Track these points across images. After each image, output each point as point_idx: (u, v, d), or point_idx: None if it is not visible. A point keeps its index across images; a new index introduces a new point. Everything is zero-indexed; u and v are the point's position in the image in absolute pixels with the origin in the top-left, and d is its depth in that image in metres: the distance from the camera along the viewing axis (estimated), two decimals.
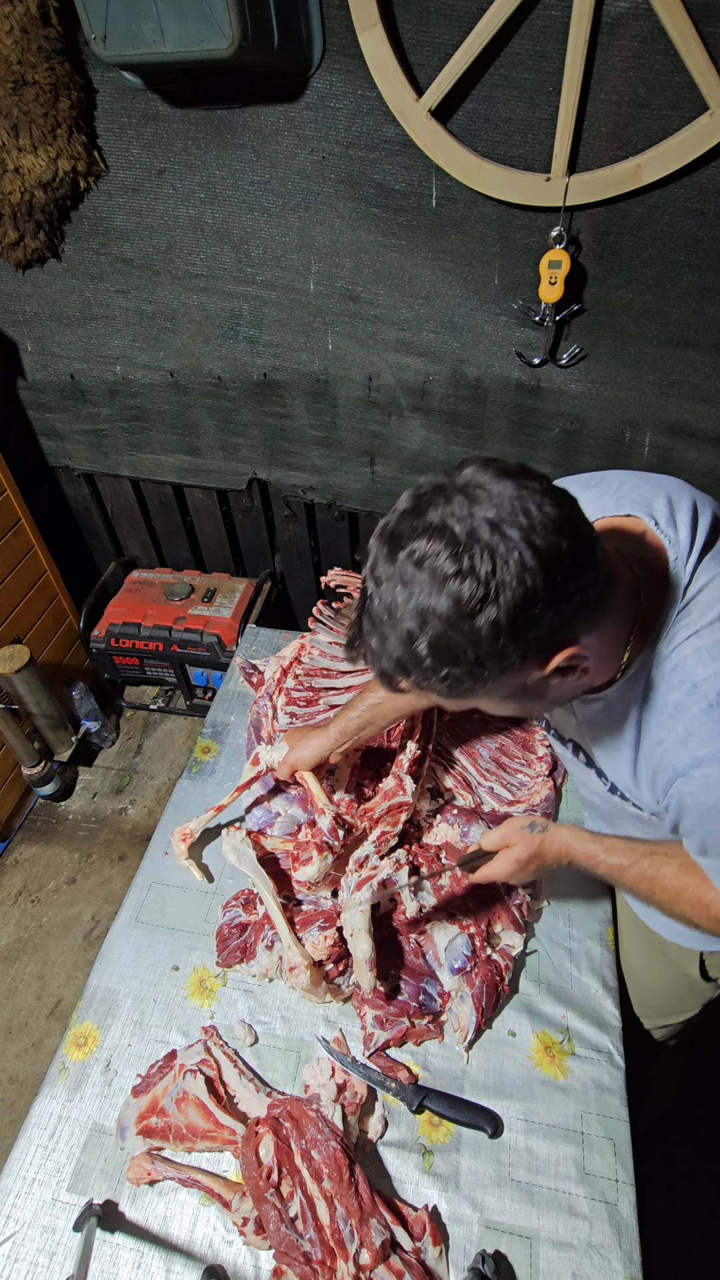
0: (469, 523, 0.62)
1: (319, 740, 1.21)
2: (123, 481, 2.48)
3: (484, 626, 0.62)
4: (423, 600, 0.62)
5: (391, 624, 0.65)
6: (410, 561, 0.63)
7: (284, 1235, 0.86)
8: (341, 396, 2.06)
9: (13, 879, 2.27)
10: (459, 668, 0.64)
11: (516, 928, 1.13)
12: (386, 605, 0.65)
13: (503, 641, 0.62)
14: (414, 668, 0.66)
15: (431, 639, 0.63)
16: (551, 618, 0.64)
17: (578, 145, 1.51)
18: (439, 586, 0.62)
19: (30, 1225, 0.94)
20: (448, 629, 0.62)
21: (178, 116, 1.67)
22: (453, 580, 0.61)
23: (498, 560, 0.61)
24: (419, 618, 0.63)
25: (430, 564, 0.62)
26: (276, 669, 1.56)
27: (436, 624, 0.62)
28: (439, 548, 0.62)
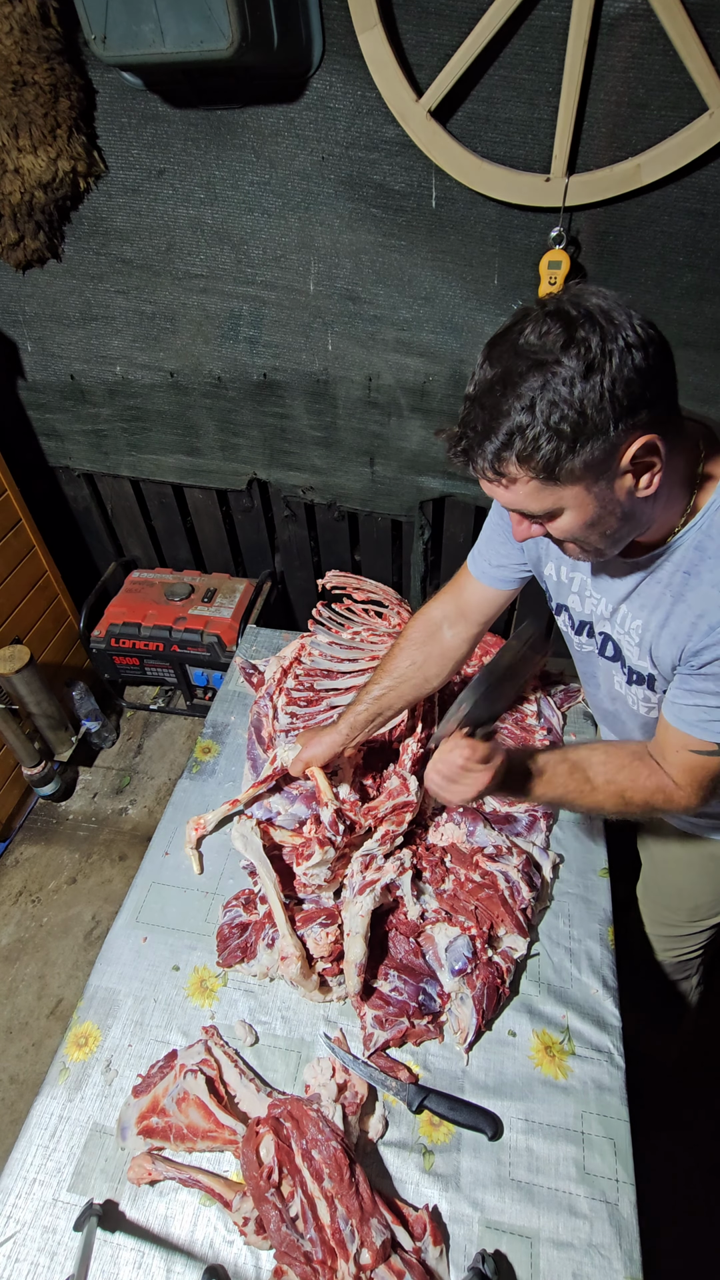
0: (582, 306, 0.71)
1: (331, 737, 1.25)
2: (123, 481, 2.48)
3: (594, 387, 0.69)
4: (539, 371, 0.70)
5: (506, 393, 0.71)
6: (527, 340, 0.71)
7: (285, 1235, 0.87)
8: (341, 397, 2.06)
9: (13, 879, 2.27)
10: (566, 426, 0.70)
11: (520, 931, 1.13)
12: (502, 377, 0.72)
13: (608, 404, 0.69)
14: (523, 436, 0.71)
15: (547, 403, 0.69)
16: (645, 395, 0.71)
17: (577, 145, 1.51)
18: (560, 351, 0.69)
19: (31, 1225, 0.94)
20: (565, 387, 0.69)
21: (178, 117, 1.67)
22: (571, 347, 0.69)
23: (609, 333, 0.69)
24: (539, 382, 0.70)
25: (547, 339, 0.70)
26: (276, 669, 1.56)
27: (555, 387, 0.69)
28: (556, 326, 0.70)
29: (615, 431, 0.71)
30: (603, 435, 0.71)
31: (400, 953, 1.13)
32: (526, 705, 1.49)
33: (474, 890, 1.17)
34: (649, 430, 0.73)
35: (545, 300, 0.75)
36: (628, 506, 0.79)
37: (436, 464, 2.13)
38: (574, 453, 0.72)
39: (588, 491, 0.76)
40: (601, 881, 1.25)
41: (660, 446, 0.74)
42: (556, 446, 0.71)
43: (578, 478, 0.74)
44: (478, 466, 0.77)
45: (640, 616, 0.94)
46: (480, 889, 1.17)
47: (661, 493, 0.80)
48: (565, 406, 0.70)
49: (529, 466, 0.73)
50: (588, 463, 0.73)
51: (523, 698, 1.51)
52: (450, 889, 1.19)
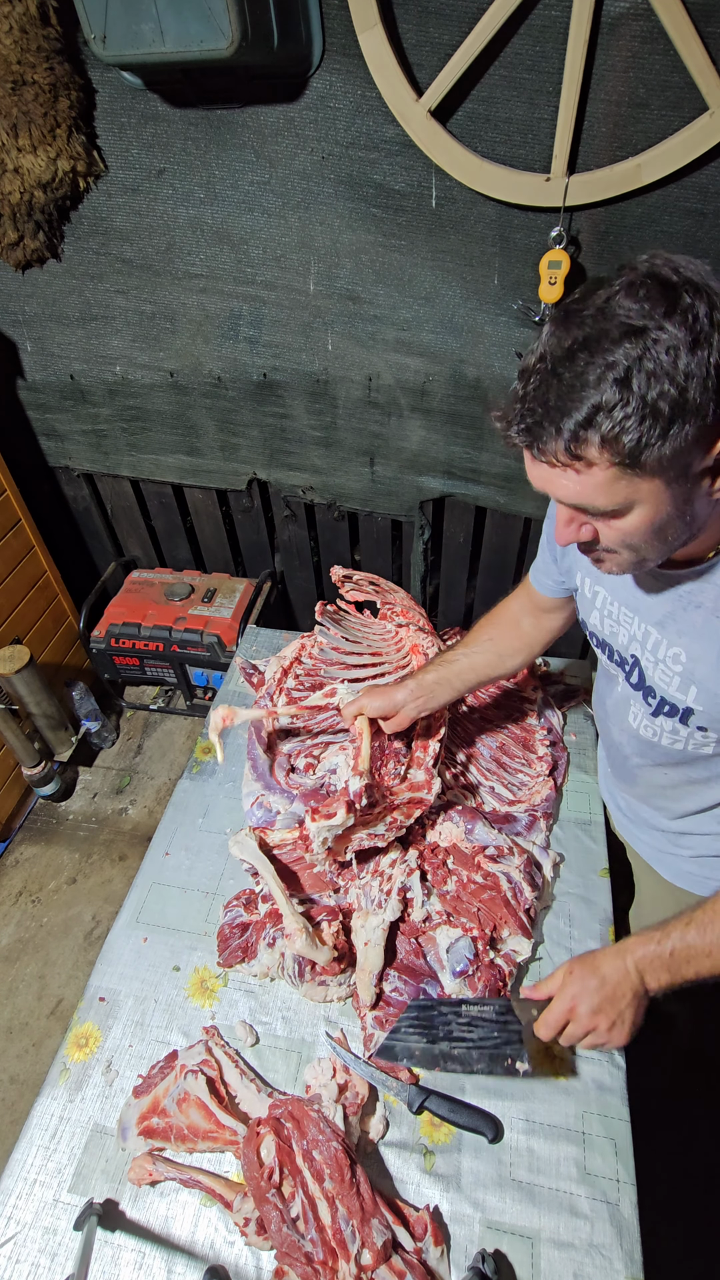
0: (680, 272, 0.62)
1: (394, 692, 1.18)
2: (123, 482, 2.48)
3: (700, 362, 0.60)
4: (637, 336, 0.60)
5: (591, 361, 0.61)
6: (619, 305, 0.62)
7: (285, 1236, 0.87)
8: (341, 397, 2.05)
9: (13, 879, 2.27)
10: (665, 404, 0.60)
11: (524, 932, 1.13)
12: (585, 342, 0.62)
13: (714, 383, 0.60)
14: (608, 414, 0.61)
15: (651, 370, 0.60)
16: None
17: (577, 145, 1.51)
18: (663, 317, 0.60)
19: (32, 1226, 0.94)
20: (668, 357, 0.60)
21: (177, 116, 1.67)
22: (672, 316, 0.60)
23: (716, 303, 0.61)
24: (633, 350, 0.60)
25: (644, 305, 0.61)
26: (276, 669, 1.56)
27: (652, 358, 0.60)
28: (653, 288, 0.61)
29: (711, 419, 0.62)
30: (700, 419, 0.62)
31: (401, 954, 1.13)
32: (526, 705, 1.49)
33: (476, 891, 1.17)
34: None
35: (628, 266, 0.65)
36: (696, 509, 0.70)
37: (436, 464, 2.13)
38: (666, 437, 0.62)
39: (667, 487, 0.67)
40: (602, 881, 1.25)
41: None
42: (651, 427, 0.61)
43: (663, 468, 0.65)
44: (547, 448, 0.66)
45: (680, 644, 0.85)
46: (483, 890, 1.17)
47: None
48: (666, 381, 0.60)
49: (613, 450, 0.63)
50: (677, 451, 0.63)
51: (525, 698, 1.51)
52: (452, 890, 1.18)
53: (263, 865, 1.17)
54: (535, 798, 1.33)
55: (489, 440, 2.04)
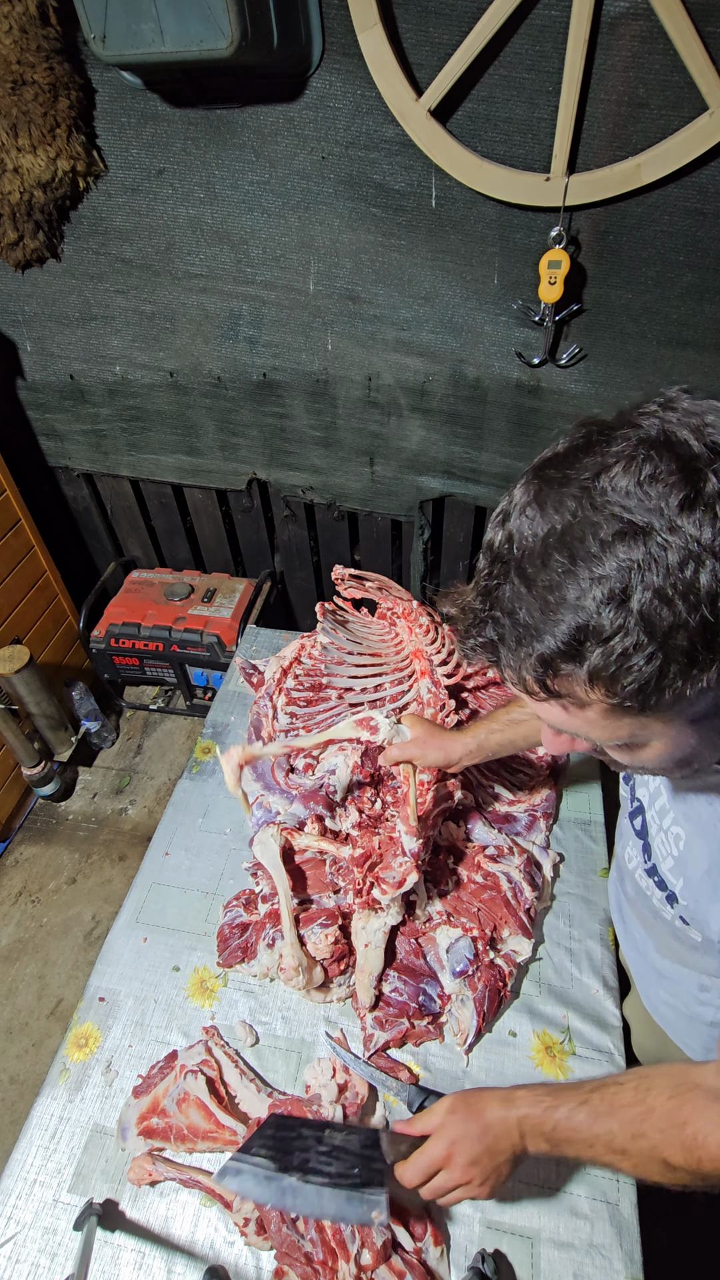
0: (705, 434, 0.44)
1: (454, 745, 1.04)
2: (122, 481, 2.48)
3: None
4: (637, 539, 0.43)
5: (573, 575, 0.45)
6: (613, 486, 0.45)
7: (285, 1236, 0.87)
8: (341, 396, 2.05)
9: (13, 879, 2.27)
10: (675, 644, 0.44)
11: (524, 932, 1.13)
12: (567, 548, 0.45)
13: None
14: (598, 647, 0.45)
15: (644, 599, 0.43)
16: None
17: (577, 145, 1.51)
18: (669, 519, 0.42)
19: (31, 1226, 0.94)
20: (676, 580, 0.43)
21: (177, 116, 1.67)
22: (689, 510, 0.42)
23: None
24: (629, 563, 0.43)
25: (650, 488, 0.43)
26: (276, 669, 1.56)
27: (657, 575, 0.43)
28: (664, 465, 0.43)
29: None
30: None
31: (401, 954, 1.13)
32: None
33: (476, 891, 1.17)
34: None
35: (634, 414, 0.47)
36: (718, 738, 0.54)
37: (436, 464, 2.13)
38: (686, 676, 0.45)
39: (691, 725, 0.51)
40: (601, 881, 1.25)
41: None
42: (661, 667, 0.45)
43: (682, 710, 0.49)
44: (515, 677, 0.51)
45: (682, 827, 0.72)
46: (483, 890, 1.17)
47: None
48: (682, 603, 0.43)
49: (607, 689, 0.47)
50: (689, 701, 0.47)
51: None
52: (452, 890, 1.18)
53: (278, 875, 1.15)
54: (535, 796, 1.33)
55: (489, 440, 2.04)
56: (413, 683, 1.40)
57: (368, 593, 1.54)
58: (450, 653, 1.41)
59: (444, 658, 1.40)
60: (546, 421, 1.94)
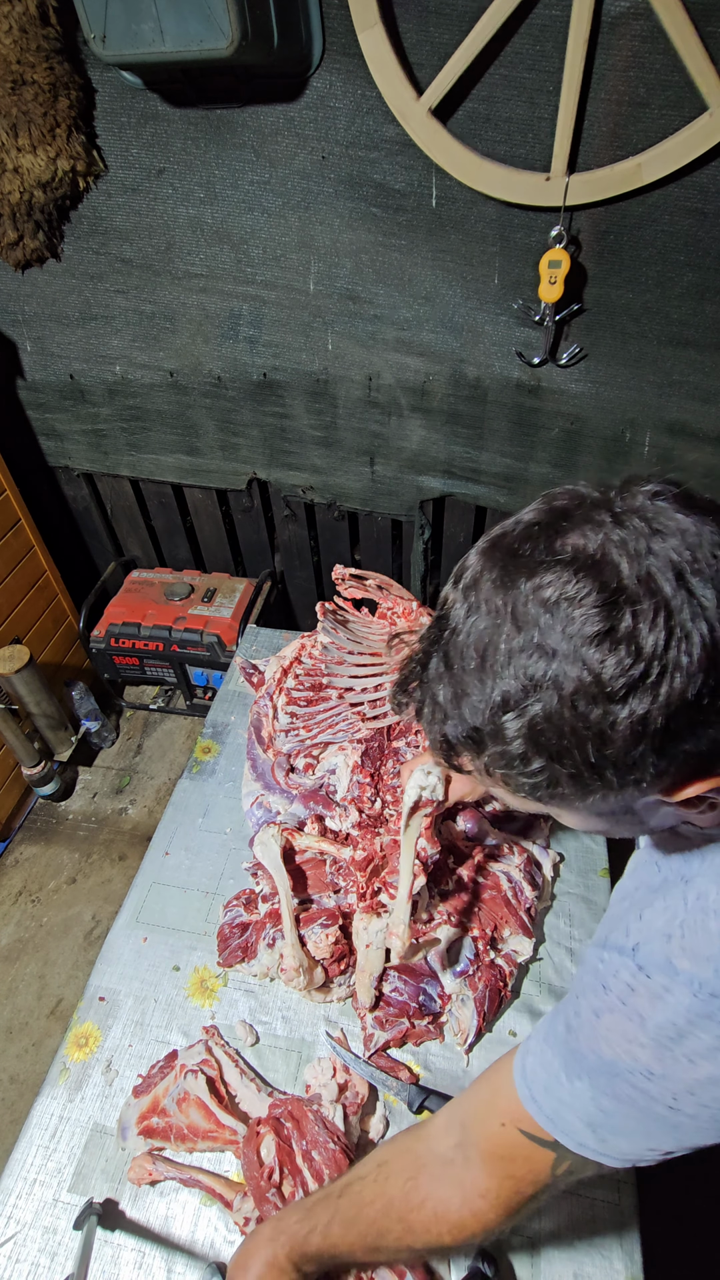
0: (643, 563, 0.43)
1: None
2: (122, 481, 2.48)
3: (624, 722, 0.43)
4: (541, 659, 0.44)
5: (481, 675, 0.47)
6: (536, 598, 0.45)
7: None
8: (341, 396, 2.05)
9: (13, 879, 2.27)
10: (562, 766, 0.46)
11: (525, 932, 1.13)
12: (481, 647, 0.47)
13: (643, 750, 0.44)
14: (493, 746, 0.48)
15: (536, 717, 0.45)
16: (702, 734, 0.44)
17: (578, 145, 1.51)
18: (575, 647, 0.43)
19: (31, 1226, 0.94)
20: (568, 710, 0.44)
21: (177, 116, 1.67)
22: (599, 644, 0.43)
23: (676, 630, 0.42)
24: (528, 681, 0.45)
25: (568, 611, 0.43)
26: (276, 669, 1.56)
27: (552, 699, 0.44)
28: (587, 589, 0.43)
29: (650, 781, 0.46)
30: (623, 783, 0.46)
31: None
32: None
33: (476, 891, 1.17)
34: (707, 777, 0.47)
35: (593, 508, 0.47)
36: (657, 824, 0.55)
37: (437, 464, 2.13)
38: (565, 799, 0.49)
39: (596, 816, 0.53)
40: (602, 881, 1.25)
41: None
42: (537, 787, 0.48)
43: (580, 810, 0.52)
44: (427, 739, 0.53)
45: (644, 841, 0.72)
46: (483, 890, 1.17)
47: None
48: (566, 741, 0.44)
49: (504, 782, 0.51)
50: (592, 805, 0.49)
51: None
52: (452, 890, 1.18)
53: (279, 876, 1.15)
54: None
55: (489, 440, 2.04)
56: None
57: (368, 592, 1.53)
58: None
59: None
60: (547, 421, 1.94)
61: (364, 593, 1.53)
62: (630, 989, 0.56)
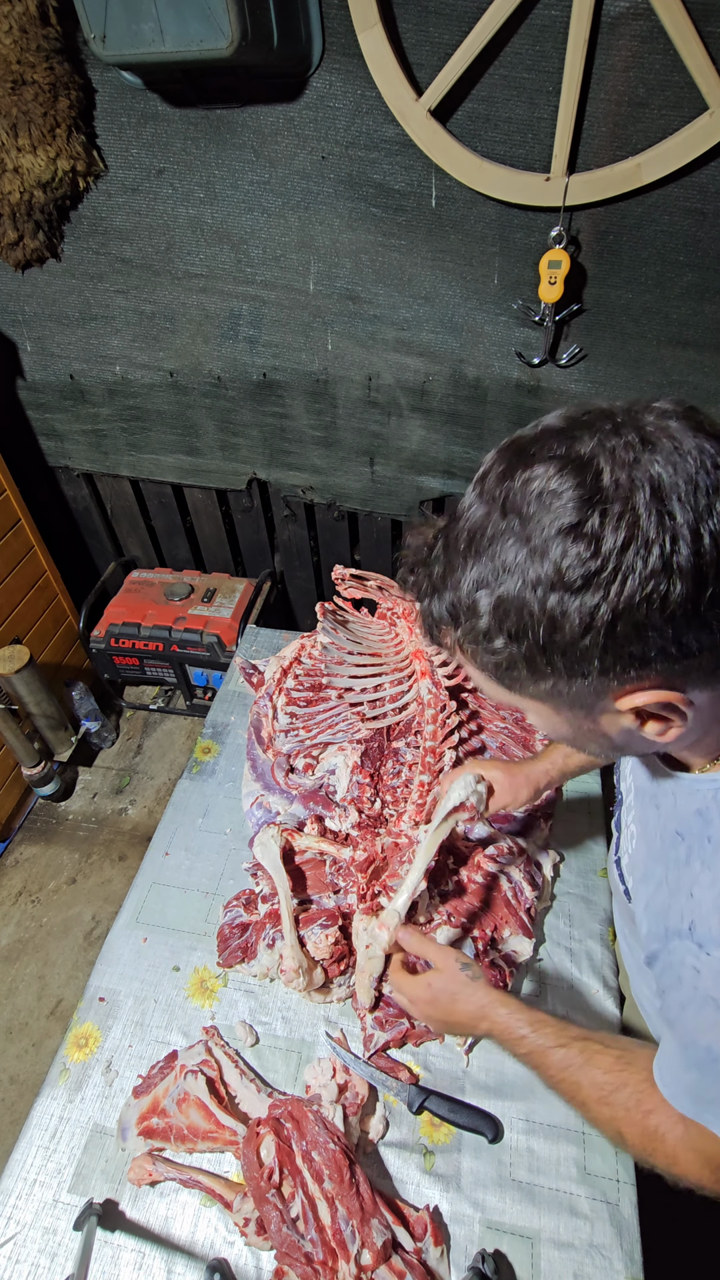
0: (627, 472, 0.46)
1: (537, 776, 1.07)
2: (122, 481, 2.48)
3: (575, 611, 0.47)
4: (515, 544, 0.48)
5: (466, 555, 0.51)
6: (524, 490, 0.48)
7: (285, 1236, 0.87)
8: (341, 396, 2.05)
9: (13, 879, 2.27)
10: (519, 645, 0.50)
11: (525, 932, 1.13)
12: (472, 531, 0.51)
13: (589, 642, 0.48)
14: (466, 621, 0.52)
15: (502, 597, 0.49)
16: (665, 644, 0.48)
17: (577, 145, 1.51)
18: (546, 538, 0.47)
19: (31, 1226, 0.94)
20: (529, 594, 0.48)
21: (177, 116, 1.67)
22: (566, 536, 0.46)
23: (638, 538, 0.45)
24: (501, 563, 0.49)
25: (548, 503, 0.47)
26: (276, 669, 1.56)
27: (517, 582, 0.48)
28: (568, 485, 0.46)
29: (596, 677, 0.50)
30: (571, 673, 0.50)
31: None
32: None
33: (477, 892, 1.17)
34: (664, 687, 0.51)
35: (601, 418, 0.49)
36: (621, 741, 0.58)
37: (436, 464, 2.13)
38: (523, 683, 0.53)
39: (554, 712, 0.57)
40: (602, 881, 1.25)
41: (683, 707, 0.52)
42: (511, 655, 0.51)
43: (538, 698, 0.55)
44: (419, 621, 0.58)
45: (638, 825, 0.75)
46: (483, 890, 1.17)
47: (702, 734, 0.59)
48: (523, 621, 0.49)
49: (473, 660, 0.55)
50: (548, 693, 0.54)
51: None
52: (452, 890, 1.18)
53: (279, 876, 1.15)
54: None
55: (489, 440, 2.04)
56: (413, 683, 1.40)
57: (368, 592, 1.53)
58: None
59: (444, 658, 1.40)
60: None
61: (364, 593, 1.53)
62: (696, 971, 0.59)
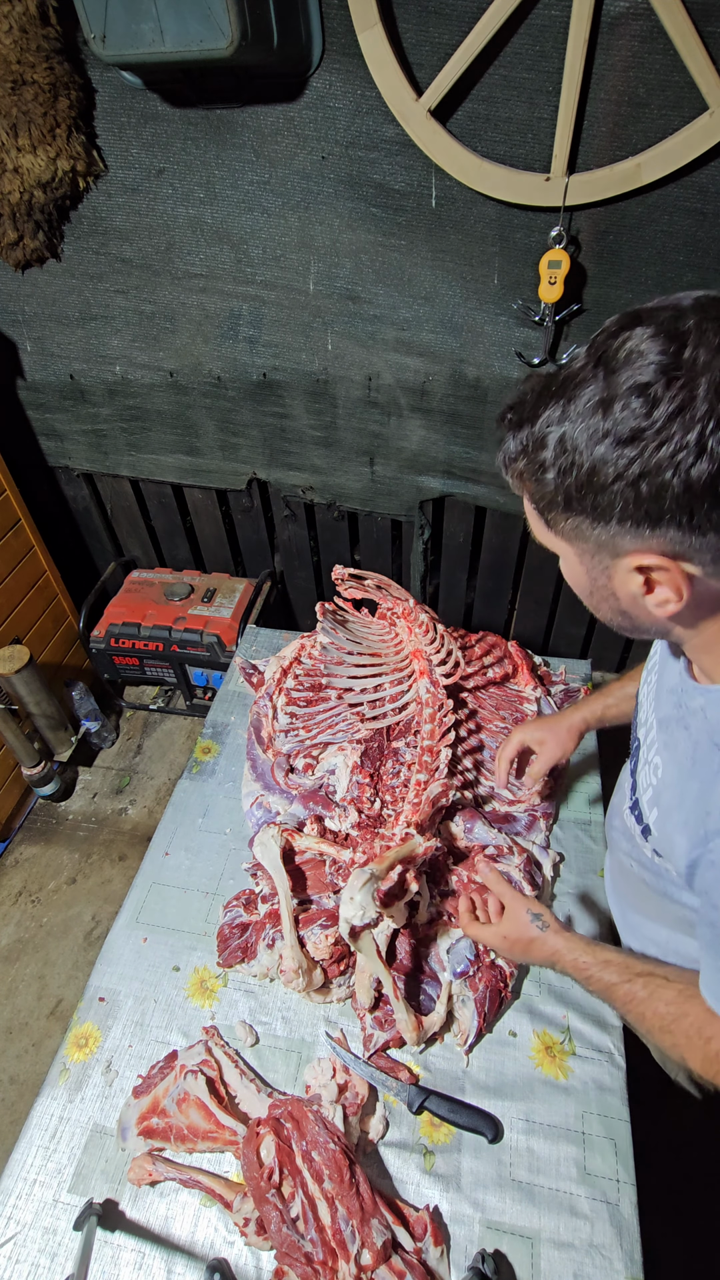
0: (708, 355, 0.51)
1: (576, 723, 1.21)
2: (122, 481, 2.48)
3: (613, 460, 0.54)
4: (592, 391, 0.55)
5: (555, 396, 0.58)
6: (621, 345, 0.54)
7: (285, 1236, 0.87)
8: (341, 396, 2.05)
9: (13, 879, 2.27)
10: (563, 480, 0.58)
11: None
12: (567, 377, 0.58)
13: (616, 489, 0.55)
14: (533, 453, 0.60)
15: (564, 434, 0.57)
16: (679, 512, 0.54)
17: (577, 145, 1.51)
18: (618, 389, 0.53)
19: (31, 1226, 0.94)
20: (584, 435, 0.56)
21: (177, 116, 1.67)
22: (633, 393, 0.52)
23: (686, 412, 0.51)
24: (574, 406, 0.56)
25: (634, 360, 0.53)
26: (276, 669, 1.56)
27: (580, 424, 0.56)
28: (655, 350, 0.52)
29: (618, 526, 0.57)
30: (602, 521, 0.58)
31: (401, 955, 1.13)
32: (526, 705, 1.49)
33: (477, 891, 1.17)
34: (673, 556, 0.57)
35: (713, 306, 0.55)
36: (627, 606, 0.65)
37: (436, 464, 2.13)
38: (568, 510, 0.60)
39: (579, 559, 0.64)
40: (601, 881, 1.25)
41: (682, 584, 0.58)
42: (555, 488, 0.59)
43: (567, 537, 0.63)
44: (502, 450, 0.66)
45: (662, 756, 0.79)
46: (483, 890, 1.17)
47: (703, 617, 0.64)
48: (576, 456, 0.56)
49: (523, 483, 0.63)
50: (578, 532, 0.61)
51: (525, 699, 1.51)
52: (454, 889, 1.18)
53: (278, 877, 1.15)
54: (535, 798, 1.33)
55: (489, 440, 2.04)
56: (412, 683, 1.40)
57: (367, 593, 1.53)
58: (449, 653, 1.41)
59: (443, 658, 1.40)
60: None
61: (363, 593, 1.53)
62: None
